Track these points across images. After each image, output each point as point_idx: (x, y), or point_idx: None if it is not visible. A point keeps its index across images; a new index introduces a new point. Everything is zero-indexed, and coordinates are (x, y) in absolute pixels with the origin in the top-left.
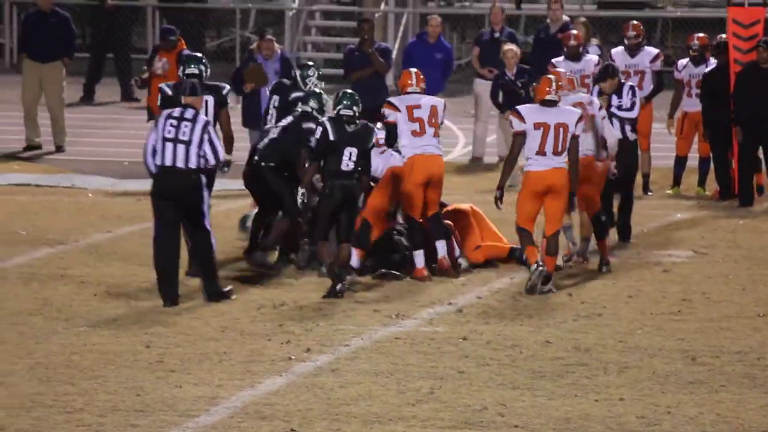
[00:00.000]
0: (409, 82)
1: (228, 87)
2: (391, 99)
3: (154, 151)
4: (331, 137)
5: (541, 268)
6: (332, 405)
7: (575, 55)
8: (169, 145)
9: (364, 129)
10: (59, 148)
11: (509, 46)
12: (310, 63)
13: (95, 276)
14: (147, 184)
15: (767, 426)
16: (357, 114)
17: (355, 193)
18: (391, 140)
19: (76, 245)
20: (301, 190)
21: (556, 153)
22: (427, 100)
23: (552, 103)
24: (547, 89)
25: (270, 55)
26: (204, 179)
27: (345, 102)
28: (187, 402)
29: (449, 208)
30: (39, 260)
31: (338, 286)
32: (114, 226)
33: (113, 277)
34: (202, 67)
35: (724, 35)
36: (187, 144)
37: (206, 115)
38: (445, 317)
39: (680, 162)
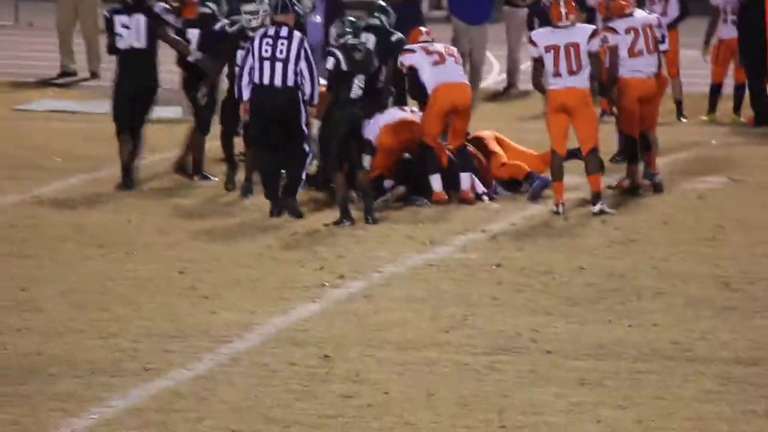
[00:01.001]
0: (419, 37)
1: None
2: (409, 46)
3: (251, 71)
4: (344, 67)
5: (558, 210)
6: (366, 331)
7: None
8: (267, 64)
9: (368, 54)
10: (94, 75)
11: None
12: None
13: (128, 203)
14: (180, 112)
15: None
16: (362, 41)
17: (360, 120)
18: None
19: (110, 172)
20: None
21: (571, 72)
22: (440, 44)
23: (564, 27)
24: (559, 14)
25: None
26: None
27: (350, 30)
28: (221, 328)
29: (470, 136)
30: (73, 186)
31: (345, 221)
32: (149, 153)
33: (146, 205)
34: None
35: None
36: (285, 62)
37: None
38: (478, 244)
39: (715, 89)
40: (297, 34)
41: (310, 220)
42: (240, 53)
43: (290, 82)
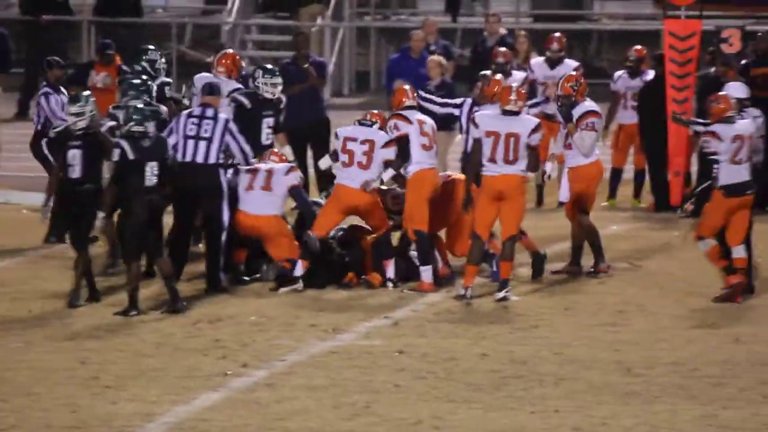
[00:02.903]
0: (404, 99)
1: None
2: (401, 112)
3: (174, 150)
4: (131, 156)
5: (465, 293)
6: (268, 420)
7: (504, 72)
8: (191, 142)
9: (159, 141)
10: None
11: (432, 57)
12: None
13: (30, 292)
14: None
15: None
16: (148, 129)
17: (160, 208)
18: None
19: (11, 260)
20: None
21: (507, 162)
22: (426, 118)
23: (512, 113)
24: (510, 98)
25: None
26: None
27: (135, 118)
28: (123, 418)
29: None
30: None
31: (131, 312)
32: (50, 242)
33: (49, 293)
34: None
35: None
36: (209, 140)
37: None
38: (381, 330)
39: (616, 174)
40: (222, 115)
41: (212, 308)
42: (72, 152)
43: (212, 160)
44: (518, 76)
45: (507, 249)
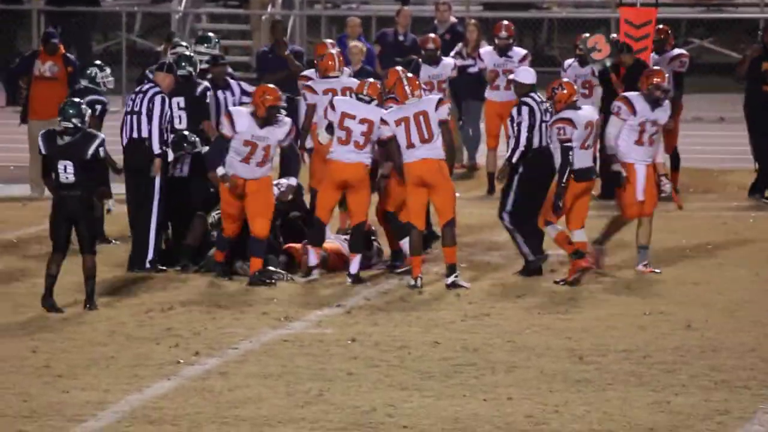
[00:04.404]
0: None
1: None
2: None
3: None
4: (43, 151)
5: (416, 284)
6: (221, 408)
7: (433, 59)
8: (128, 118)
9: (82, 139)
10: None
11: (354, 43)
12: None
13: None
14: (29, 190)
15: (653, 423)
16: (78, 125)
17: (80, 206)
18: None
19: None
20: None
21: (423, 140)
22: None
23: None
24: (404, 93)
25: None
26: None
27: (65, 113)
28: (75, 407)
29: None
30: None
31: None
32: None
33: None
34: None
35: (615, 35)
36: (138, 114)
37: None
38: (333, 319)
39: None
40: (154, 89)
41: (165, 296)
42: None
43: (144, 134)
44: (448, 62)
45: (447, 234)
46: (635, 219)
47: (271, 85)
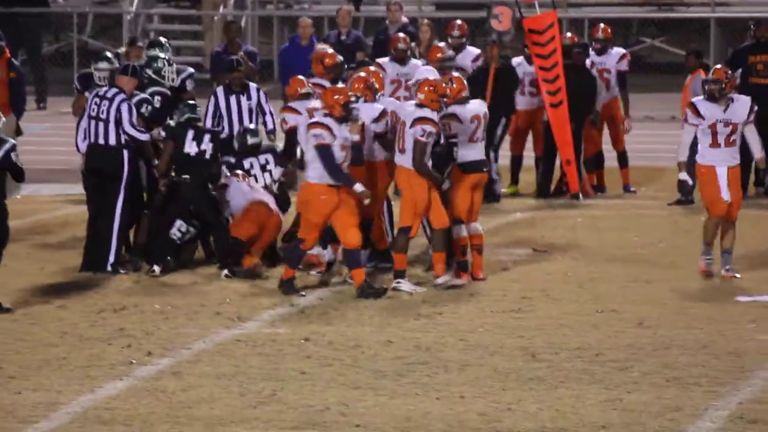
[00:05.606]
0: (299, 88)
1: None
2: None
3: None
4: None
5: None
6: (174, 408)
7: (402, 59)
8: (93, 123)
9: None
10: None
11: (321, 45)
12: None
13: None
14: None
15: (605, 420)
16: None
17: None
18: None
19: None
20: None
21: (400, 150)
22: None
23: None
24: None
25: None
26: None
27: None
28: (27, 408)
29: None
30: None
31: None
32: None
33: None
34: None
35: (568, 34)
36: (106, 122)
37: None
38: (286, 318)
39: (516, 161)
40: (120, 95)
41: (117, 297)
42: None
43: (112, 142)
44: (417, 62)
45: (399, 241)
46: (723, 216)
47: (339, 84)
